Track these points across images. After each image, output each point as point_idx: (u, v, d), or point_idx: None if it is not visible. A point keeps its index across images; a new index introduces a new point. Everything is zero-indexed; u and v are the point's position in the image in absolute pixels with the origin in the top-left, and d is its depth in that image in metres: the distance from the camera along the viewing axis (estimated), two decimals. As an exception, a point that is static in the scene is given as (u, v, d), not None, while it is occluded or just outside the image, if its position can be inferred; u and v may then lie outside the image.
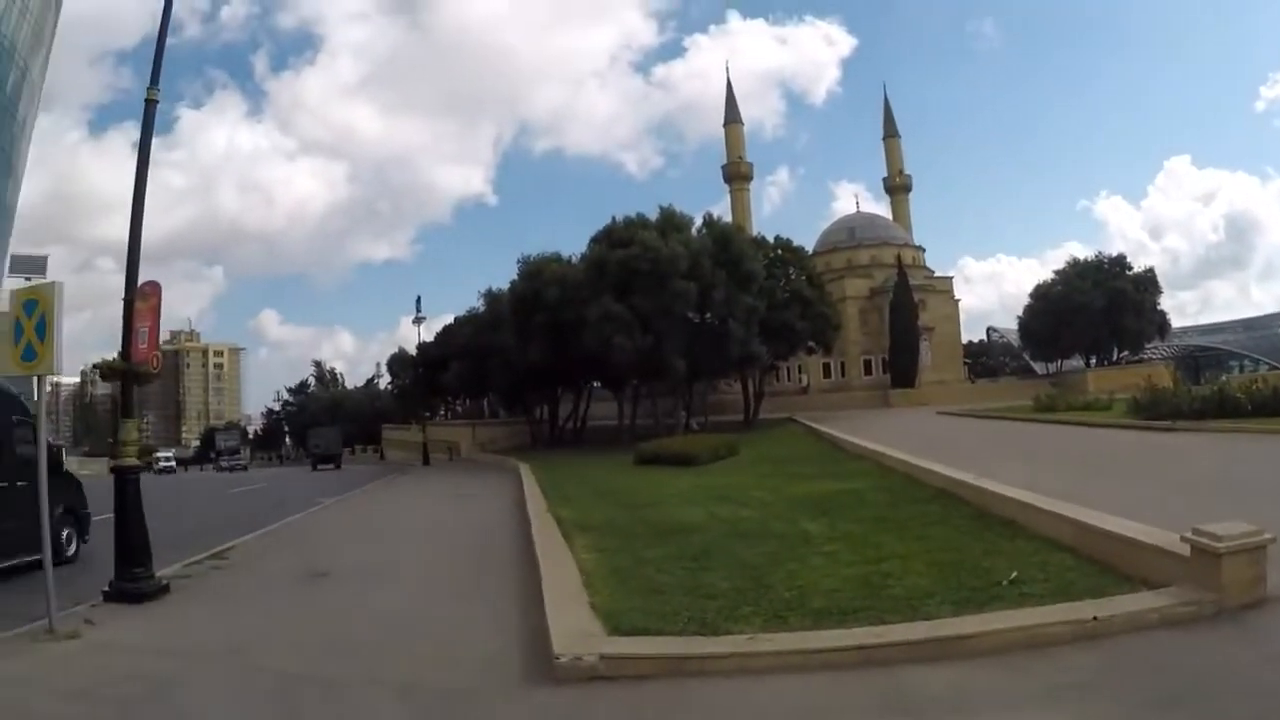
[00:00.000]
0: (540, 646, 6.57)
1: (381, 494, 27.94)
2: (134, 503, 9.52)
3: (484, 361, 49.55)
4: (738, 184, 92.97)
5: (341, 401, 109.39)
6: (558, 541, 11.44)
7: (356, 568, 11.70)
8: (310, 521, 19.30)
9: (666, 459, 25.63)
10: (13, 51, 76.06)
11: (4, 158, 78.09)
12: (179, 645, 7.54)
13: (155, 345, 10.24)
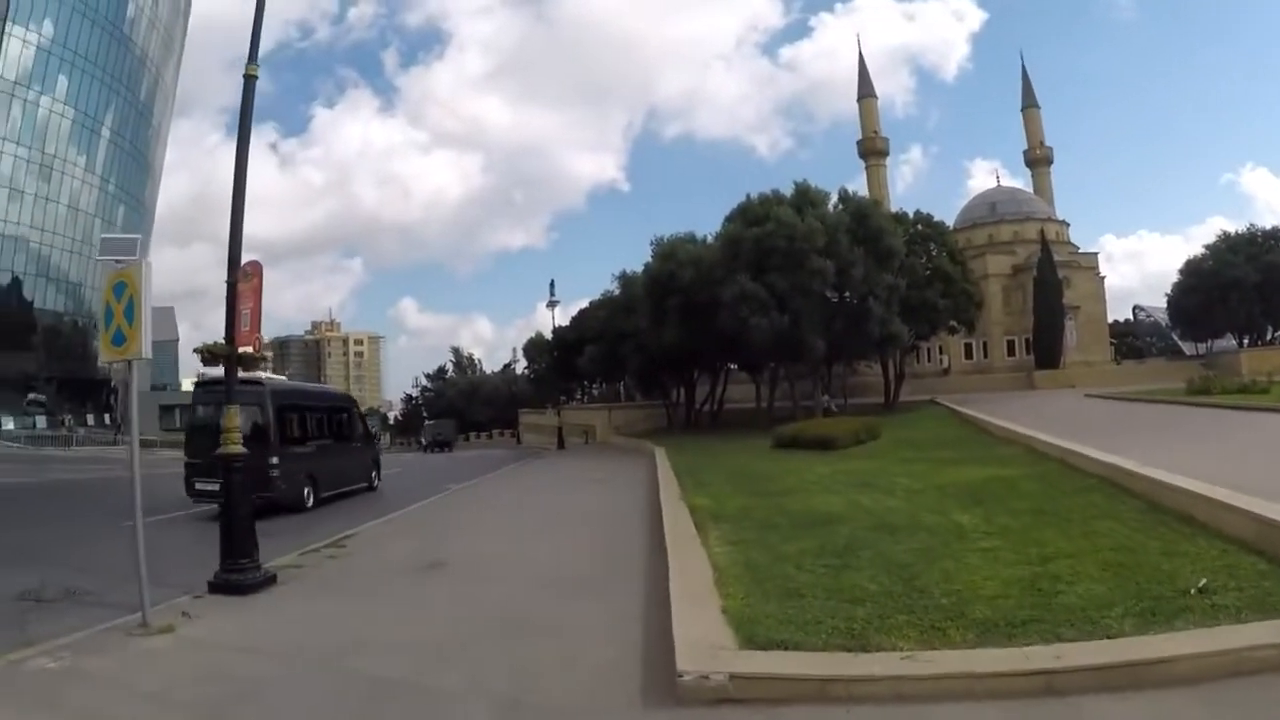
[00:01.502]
0: (663, 658, 5.96)
1: (513, 479, 27.74)
2: (239, 491, 9.40)
3: (619, 344, 49.26)
4: (873, 159, 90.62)
5: (478, 386, 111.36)
6: (689, 533, 10.81)
7: (475, 558, 11.44)
8: (437, 507, 19.03)
9: (805, 443, 24.92)
10: (145, 60, 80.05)
11: (142, 160, 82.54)
12: (272, 643, 7.26)
13: (257, 327, 10.01)
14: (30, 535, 15.92)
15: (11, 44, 67.55)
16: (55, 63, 70.75)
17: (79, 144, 73.61)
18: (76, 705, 5.66)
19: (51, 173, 70.91)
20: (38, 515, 19.99)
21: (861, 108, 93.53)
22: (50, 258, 70.41)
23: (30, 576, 10.24)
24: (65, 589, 9.62)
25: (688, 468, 21.37)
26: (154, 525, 15.04)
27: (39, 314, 70.92)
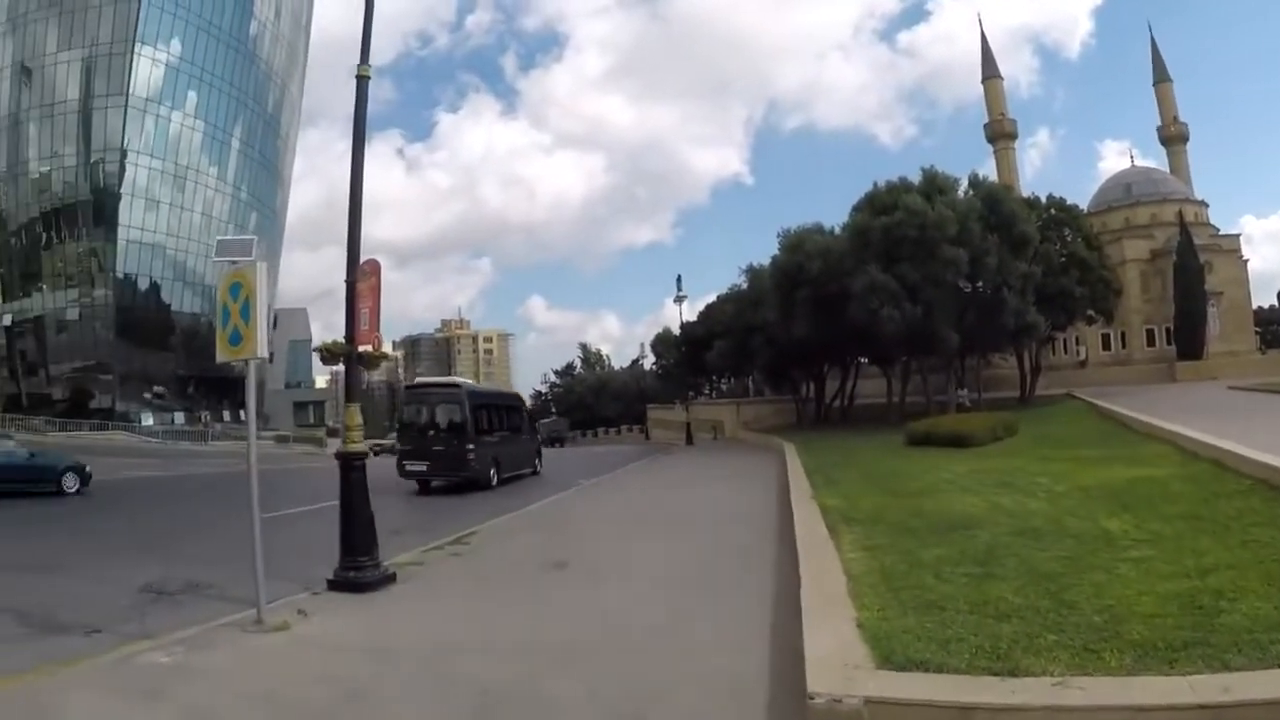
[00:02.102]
0: (792, 675, 5.42)
1: (640, 476, 27.42)
2: (359, 489, 9.31)
3: (747, 339, 48.67)
4: (1002, 143, 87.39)
5: (607, 382, 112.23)
6: (821, 535, 10.13)
7: (599, 559, 11.18)
8: (564, 504, 18.89)
9: (939, 439, 23.96)
10: (270, 73, 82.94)
11: (271, 168, 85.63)
12: (385, 644, 7.04)
13: (376, 325, 9.85)
14: (160, 527, 16.51)
15: (141, 63, 70.98)
16: (184, 79, 74.02)
17: (210, 155, 76.77)
18: (182, 702, 5.61)
19: (185, 183, 74.09)
20: (170, 508, 20.66)
21: (986, 89, 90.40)
22: (186, 263, 73.37)
23: (155, 568, 10.57)
24: (188, 582, 9.83)
25: (818, 465, 20.82)
26: (287, 519, 15.74)
27: (176, 316, 74.36)
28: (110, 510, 20.04)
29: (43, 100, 72.87)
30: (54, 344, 72.34)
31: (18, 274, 74.30)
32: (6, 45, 74.84)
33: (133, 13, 70.92)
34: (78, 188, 71.84)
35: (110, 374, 70.37)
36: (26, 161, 73.42)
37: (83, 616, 8.14)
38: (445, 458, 23.02)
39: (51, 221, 72.88)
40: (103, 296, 70.68)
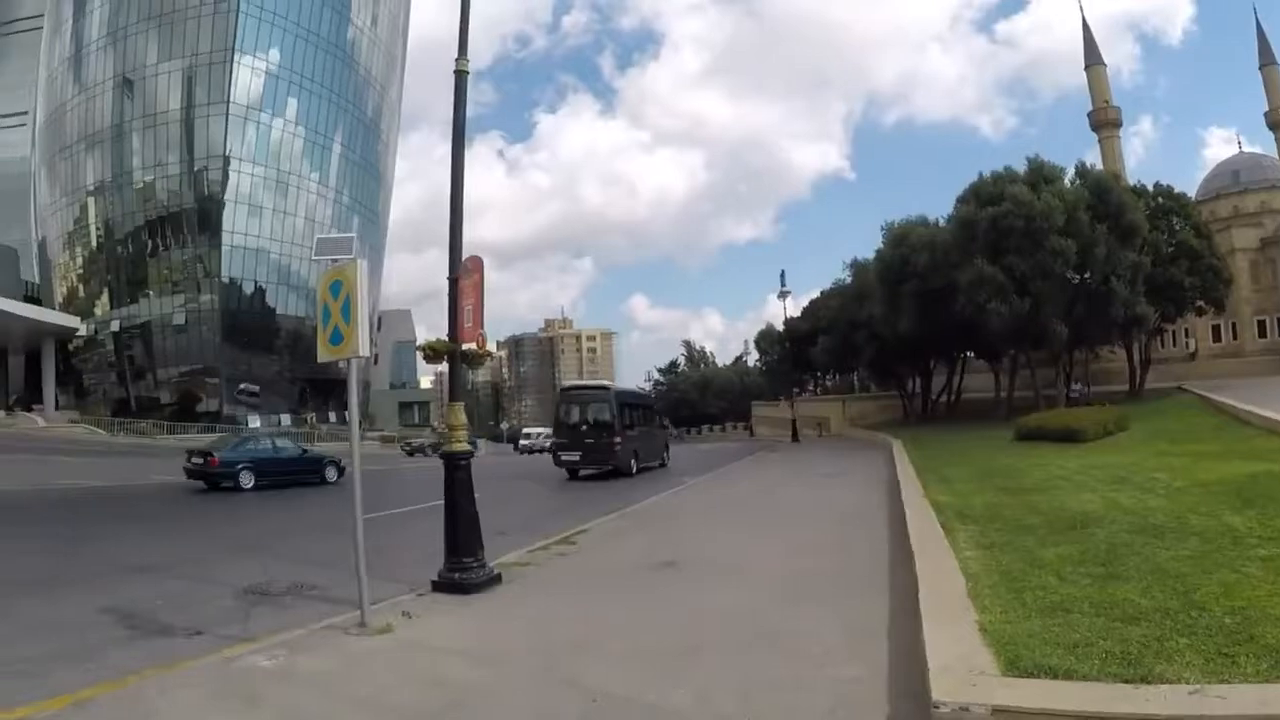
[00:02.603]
0: (912, 680, 5.22)
1: (747, 473, 27.16)
2: (464, 489, 9.14)
3: (852, 334, 48.48)
4: (1106, 131, 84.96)
5: (710, 379, 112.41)
6: (936, 534, 9.83)
7: (707, 558, 10.80)
8: (671, 502, 18.63)
9: (1049, 434, 23.84)
10: (369, 78, 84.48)
11: (373, 172, 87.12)
12: (490, 648, 6.91)
13: (480, 323, 9.65)
14: (266, 528, 16.71)
15: (241, 72, 72.93)
16: (284, 86, 75.87)
17: (312, 160, 78.57)
18: (281, 707, 5.58)
19: (287, 188, 75.92)
20: (275, 508, 20.87)
21: (1089, 77, 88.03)
22: (290, 267, 75.08)
23: (261, 569, 10.63)
24: (292, 583, 9.82)
25: (927, 462, 20.75)
26: (392, 519, 15.72)
27: (281, 319, 76.07)
28: (219, 510, 20.42)
29: (145, 111, 75.12)
30: (161, 349, 74.40)
31: (125, 281, 76.57)
32: (108, 58, 77.41)
33: (231, 23, 72.90)
34: (182, 196, 73.91)
35: (217, 377, 72.31)
36: (131, 171, 75.73)
37: (186, 618, 8.16)
38: (595, 449, 27.14)
39: (157, 229, 75.01)
40: (209, 301, 72.59)
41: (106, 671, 6.26)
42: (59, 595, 9.41)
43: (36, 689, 5.78)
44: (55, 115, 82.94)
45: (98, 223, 78.48)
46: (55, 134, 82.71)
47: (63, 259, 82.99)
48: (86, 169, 78.99)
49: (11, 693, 5.72)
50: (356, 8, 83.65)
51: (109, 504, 20.99)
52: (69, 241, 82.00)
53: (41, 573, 10.92)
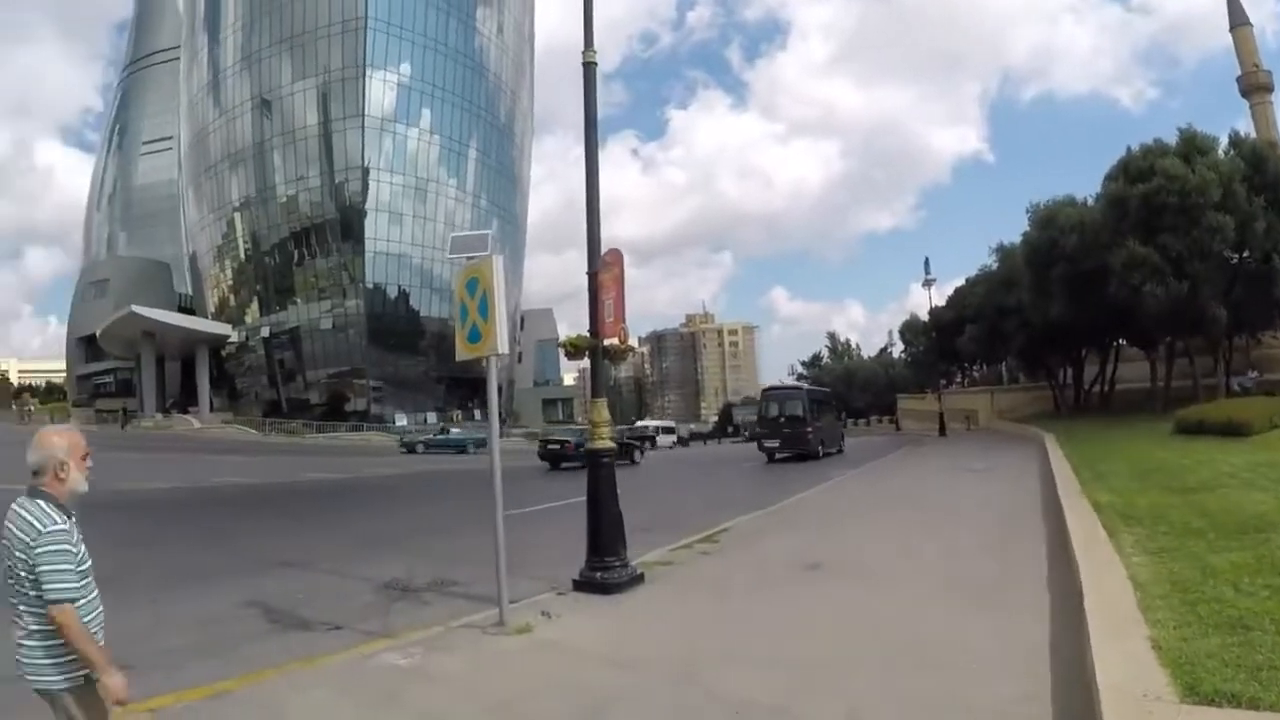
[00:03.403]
0: (1079, 704, 4.78)
1: (893, 469, 26.47)
2: (607, 486, 8.96)
3: (1000, 322, 47.20)
4: (1257, 97, 78.62)
5: (854, 372, 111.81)
6: (1098, 537, 9.04)
7: (853, 560, 10.31)
8: (816, 499, 18.00)
9: (1211, 428, 22.14)
10: (500, 84, 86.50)
11: (509, 175, 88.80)
12: (630, 652, 6.61)
13: (621, 317, 9.33)
14: (409, 524, 16.72)
15: (374, 86, 75.39)
16: (416, 97, 78.23)
17: (448, 166, 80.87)
18: (416, 708, 5.49)
19: (426, 195, 78.31)
20: (420, 504, 21.35)
21: (1235, 39, 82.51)
22: (432, 270, 77.00)
23: (402, 565, 10.61)
24: (433, 579, 9.80)
25: (1082, 457, 19.59)
26: (534, 515, 15.85)
27: (425, 321, 78.29)
28: (361, 505, 21.23)
29: (284, 128, 78.58)
30: (310, 352, 77.49)
31: (273, 289, 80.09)
32: (244, 81, 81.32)
33: (360, 41, 75.51)
34: (324, 206, 76.83)
35: (364, 378, 74.91)
36: (274, 186, 79.26)
37: (326, 613, 8.26)
38: (791, 438, 33.64)
39: (301, 239, 78.23)
40: (354, 306, 75.27)
41: (244, 664, 6.42)
42: (205, 589, 9.61)
43: (175, 680, 5.98)
44: (198, 138, 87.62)
45: (245, 236, 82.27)
46: (200, 155, 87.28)
47: (213, 271, 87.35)
48: (231, 186, 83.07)
49: (151, 684, 5.78)
50: (482, 17, 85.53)
51: (260, 501, 21.72)
52: (218, 255, 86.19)
53: (190, 567, 11.14)
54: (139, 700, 5.12)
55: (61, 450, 3.33)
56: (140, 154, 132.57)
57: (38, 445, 3.32)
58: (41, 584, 3.11)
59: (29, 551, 3.12)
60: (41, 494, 3.25)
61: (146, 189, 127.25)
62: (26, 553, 3.12)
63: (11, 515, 3.19)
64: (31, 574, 3.12)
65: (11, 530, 3.18)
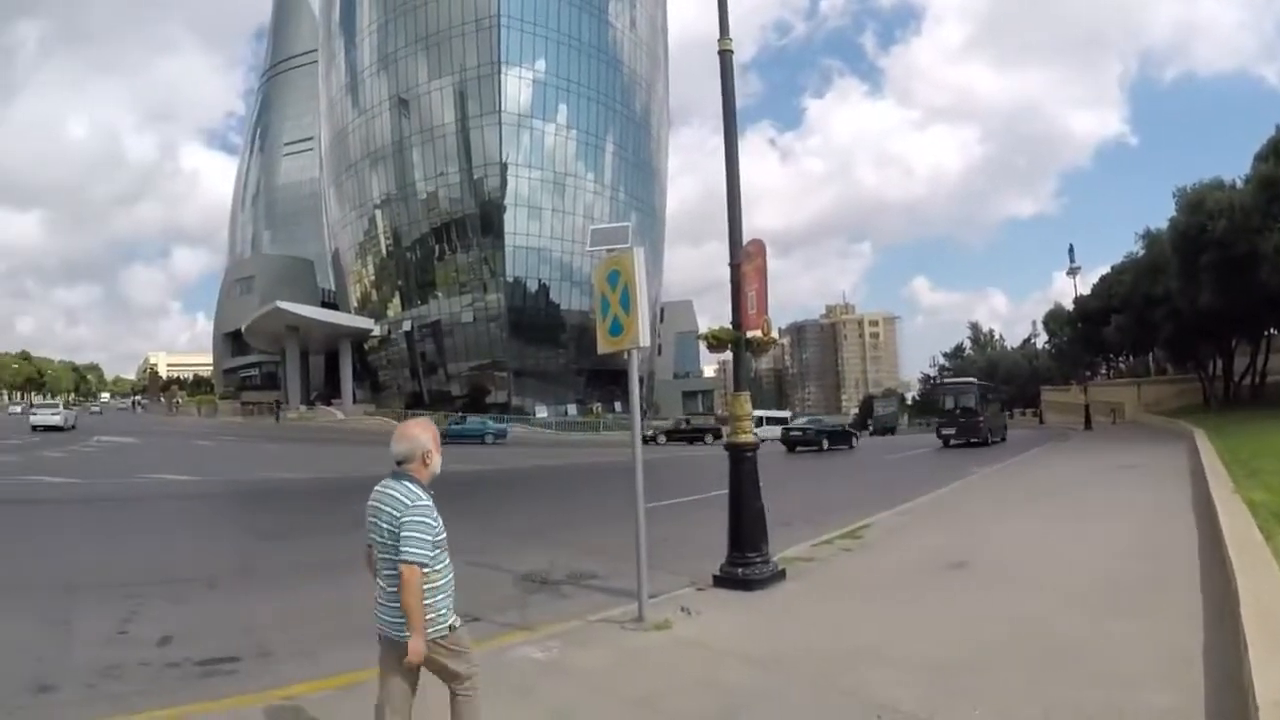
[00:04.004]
0: (1234, 714, 4.51)
1: (1038, 464, 25.81)
2: (749, 481, 8.76)
3: (1147, 311, 45.67)
4: None
5: (997, 363, 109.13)
6: (1252, 538, 8.53)
7: (998, 559, 9.99)
8: (959, 495, 17.63)
9: None
10: (635, 78, 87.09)
11: (647, 168, 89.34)
12: (770, 650, 6.42)
13: (764, 309, 9.13)
14: (550, 515, 16.89)
15: (509, 82, 76.59)
16: (552, 92, 79.32)
17: (586, 160, 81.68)
18: (552, 704, 5.41)
19: (564, 189, 79.31)
20: (561, 496, 21.63)
21: None
22: (572, 263, 78.07)
23: (541, 557, 10.69)
24: (571, 572, 9.79)
25: (1234, 452, 18.71)
26: (674, 508, 15.29)
27: (566, 314, 79.32)
28: (502, 497, 21.37)
29: (421, 126, 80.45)
30: (451, 345, 79.25)
31: (414, 284, 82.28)
32: (382, 81, 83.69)
33: (494, 38, 76.76)
34: (463, 202, 78.53)
35: (505, 370, 76.16)
36: (413, 183, 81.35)
37: (463, 603, 7.16)
38: (964, 427, 38.76)
39: (442, 235, 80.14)
40: (495, 300, 76.72)
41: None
42: (343, 578, 9.44)
43: (311, 668, 6.10)
44: (338, 138, 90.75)
45: (386, 232, 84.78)
46: (340, 155, 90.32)
47: (355, 267, 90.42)
48: (372, 184, 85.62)
49: (289, 672, 6.03)
50: (614, 12, 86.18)
51: None
52: (360, 251, 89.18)
53: (331, 555, 11.18)
54: (277, 688, 5.66)
55: (426, 441, 3.94)
56: (282, 155, 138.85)
57: (404, 437, 3.93)
58: (400, 546, 3.68)
59: (395, 521, 3.71)
60: (407, 476, 3.85)
61: (289, 188, 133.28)
62: (393, 523, 3.72)
63: (380, 495, 3.86)
64: (396, 539, 3.70)
65: (381, 506, 3.81)
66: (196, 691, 5.67)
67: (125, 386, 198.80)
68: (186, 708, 5.27)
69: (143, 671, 6.14)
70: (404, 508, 3.72)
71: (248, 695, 5.53)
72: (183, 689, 5.74)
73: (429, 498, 3.82)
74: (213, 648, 6.69)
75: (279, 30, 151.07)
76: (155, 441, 39.98)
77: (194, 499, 19.08)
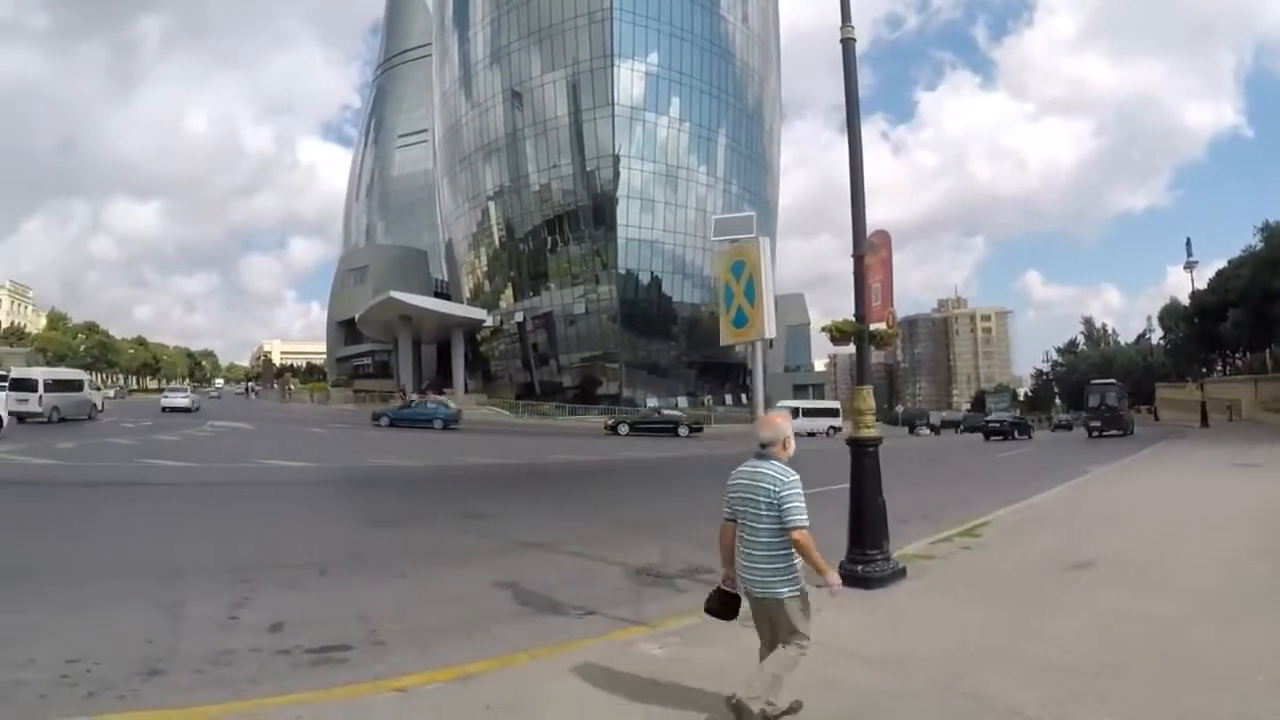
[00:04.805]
0: None
1: (1156, 462, 25.49)
2: (871, 476, 8.62)
3: (1266, 306, 44.95)
4: None
5: (1111, 359, 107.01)
6: None
7: (1124, 559, 9.75)
8: (1077, 494, 17.36)
9: None
10: (747, 71, 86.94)
11: (760, 161, 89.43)
12: (892, 651, 6.28)
13: (889, 301, 8.95)
14: (664, 508, 16.56)
15: (622, 75, 77.03)
16: (664, 85, 79.49)
17: (698, 153, 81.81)
18: (675, 700, 5.31)
19: (677, 181, 79.49)
20: (674, 488, 21.46)
21: None
22: (684, 256, 78.75)
23: (654, 550, 10.63)
24: (686, 565, 9.71)
25: None
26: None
27: (677, 306, 79.65)
28: (613, 489, 21.34)
29: (534, 119, 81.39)
30: (563, 336, 79.98)
31: (527, 275, 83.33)
32: (495, 75, 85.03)
33: (607, 31, 77.18)
34: (576, 194, 79.24)
35: (616, 362, 76.74)
36: (526, 175, 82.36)
37: (577, 596, 8.20)
38: (1110, 420, 48.93)
39: (554, 227, 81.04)
40: (607, 292, 77.09)
41: (495, 646, 6.47)
42: (457, 568, 9.83)
43: (426, 660, 6.13)
44: (452, 130, 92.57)
45: (499, 223, 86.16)
46: (454, 147, 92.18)
47: (468, 258, 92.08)
48: (485, 176, 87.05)
49: (401, 662, 6.05)
50: (726, 5, 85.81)
51: (509, 481, 22.13)
52: (474, 242, 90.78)
53: (443, 544, 11.53)
54: (389, 678, 5.69)
55: (787, 429, 4.79)
56: (396, 147, 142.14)
57: (769, 425, 4.78)
58: (786, 515, 4.47)
59: (774, 495, 4.51)
60: (771, 457, 4.69)
61: (402, 180, 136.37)
62: (772, 495, 4.52)
63: (751, 473, 4.70)
64: (774, 509, 4.51)
65: (755, 483, 4.62)
66: (307, 679, 5.75)
67: (239, 373, 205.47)
68: (297, 696, 5.33)
69: (253, 658, 6.20)
70: (781, 483, 4.51)
71: (360, 685, 5.60)
72: (294, 677, 5.82)
73: (796, 473, 4.58)
74: (324, 635, 6.74)
75: (393, 24, 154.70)
76: (269, 427, 40.93)
77: (307, 485, 19.44)
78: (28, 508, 14.17)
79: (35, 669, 5.72)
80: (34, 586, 8.11)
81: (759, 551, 4.58)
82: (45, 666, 5.77)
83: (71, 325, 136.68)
